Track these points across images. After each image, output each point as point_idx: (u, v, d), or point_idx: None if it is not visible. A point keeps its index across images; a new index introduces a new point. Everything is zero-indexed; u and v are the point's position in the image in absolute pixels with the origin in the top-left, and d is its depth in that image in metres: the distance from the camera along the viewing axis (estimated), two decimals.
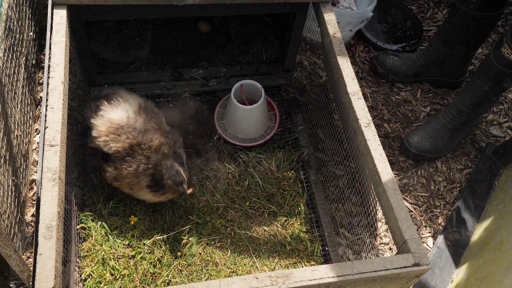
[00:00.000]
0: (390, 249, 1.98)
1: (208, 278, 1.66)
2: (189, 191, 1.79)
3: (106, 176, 1.69)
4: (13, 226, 1.62)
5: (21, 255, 1.31)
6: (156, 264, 1.66)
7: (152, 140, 1.64)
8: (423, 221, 2.09)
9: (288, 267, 1.73)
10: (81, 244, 1.69)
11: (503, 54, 1.91)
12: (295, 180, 1.96)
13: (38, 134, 2.04)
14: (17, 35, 1.93)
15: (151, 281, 1.63)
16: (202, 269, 1.68)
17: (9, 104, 1.73)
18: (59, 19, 1.55)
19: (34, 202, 1.84)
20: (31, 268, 1.20)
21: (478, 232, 2.00)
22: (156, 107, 1.85)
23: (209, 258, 1.70)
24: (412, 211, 2.13)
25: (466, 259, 1.92)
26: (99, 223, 1.72)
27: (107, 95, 1.74)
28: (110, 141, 1.62)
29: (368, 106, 2.38)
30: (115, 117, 1.65)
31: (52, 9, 1.57)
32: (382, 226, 2.04)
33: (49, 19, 1.55)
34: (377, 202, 1.47)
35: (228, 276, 1.67)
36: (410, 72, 2.47)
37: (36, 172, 1.72)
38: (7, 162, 1.64)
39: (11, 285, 1.26)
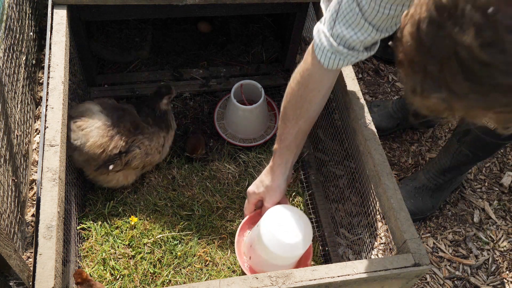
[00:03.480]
0: (390, 249, 1.98)
1: (208, 278, 1.66)
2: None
3: (137, 160, 1.71)
4: (13, 226, 1.62)
5: (21, 255, 1.31)
6: (156, 264, 1.66)
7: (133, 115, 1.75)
8: (423, 221, 2.09)
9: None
10: (81, 244, 1.69)
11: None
12: (295, 180, 1.96)
13: (38, 134, 2.04)
14: (17, 35, 1.92)
15: (151, 281, 1.62)
16: (202, 269, 1.68)
17: (9, 104, 1.73)
18: (59, 19, 1.55)
19: (34, 202, 1.84)
20: (31, 268, 1.20)
21: None
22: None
23: (209, 258, 1.70)
24: None
25: None
26: (99, 223, 1.72)
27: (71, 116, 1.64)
28: (111, 142, 1.62)
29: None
30: (98, 123, 1.61)
31: (52, 9, 1.57)
32: (382, 226, 2.04)
33: (49, 19, 1.55)
34: (377, 202, 1.47)
35: (228, 276, 1.67)
36: None
37: (36, 172, 1.72)
38: (7, 162, 1.64)
39: (11, 285, 1.26)
